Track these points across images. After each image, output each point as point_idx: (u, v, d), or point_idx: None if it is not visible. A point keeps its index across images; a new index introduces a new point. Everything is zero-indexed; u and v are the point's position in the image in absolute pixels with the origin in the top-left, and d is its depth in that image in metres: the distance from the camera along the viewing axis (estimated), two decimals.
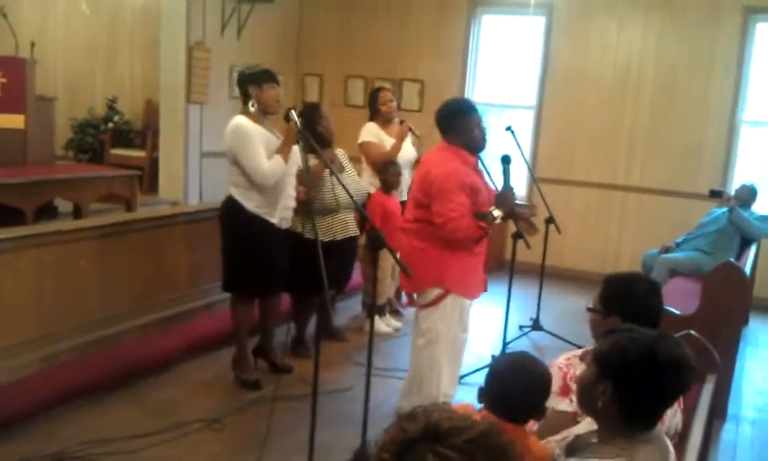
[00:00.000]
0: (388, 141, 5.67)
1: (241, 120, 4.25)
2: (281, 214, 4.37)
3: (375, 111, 5.81)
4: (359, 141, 5.74)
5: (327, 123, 4.87)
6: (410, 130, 5.73)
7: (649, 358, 1.81)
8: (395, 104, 5.90)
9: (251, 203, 4.28)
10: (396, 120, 5.79)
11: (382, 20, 8.89)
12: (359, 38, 9.03)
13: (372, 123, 5.80)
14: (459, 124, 3.86)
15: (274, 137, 4.31)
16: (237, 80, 4.48)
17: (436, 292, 3.86)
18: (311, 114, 4.80)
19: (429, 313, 3.91)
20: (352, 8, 9.06)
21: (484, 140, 3.95)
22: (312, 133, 4.43)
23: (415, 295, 4.11)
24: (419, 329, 3.99)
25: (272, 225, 4.34)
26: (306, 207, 4.45)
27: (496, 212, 3.80)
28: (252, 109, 4.26)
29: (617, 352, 1.84)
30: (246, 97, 4.32)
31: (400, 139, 5.64)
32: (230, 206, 4.36)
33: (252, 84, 4.29)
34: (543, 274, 6.22)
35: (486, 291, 4.17)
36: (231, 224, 4.39)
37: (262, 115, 4.32)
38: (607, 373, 1.85)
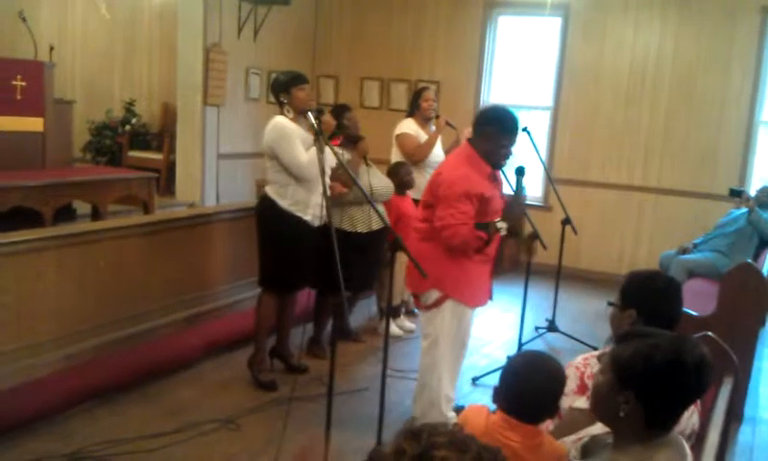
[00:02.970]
0: (424, 138, 5.81)
1: (280, 119, 4.44)
2: (314, 211, 4.45)
3: (416, 107, 5.93)
4: (396, 133, 5.88)
5: (354, 120, 5.10)
6: (447, 123, 5.81)
7: (676, 364, 1.77)
8: (435, 105, 5.97)
9: (285, 200, 4.42)
10: (433, 127, 5.91)
11: (397, 22, 8.91)
12: (374, 40, 9.05)
13: (410, 119, 5.94)
14: (491, 132, 3.78)
15: (310, 136, 4.40)
16: (270, 89, 4.71)
17: (436, 295, 3.84)
18: (337, 113, 5.01)
19: (431, 316, 3.90)
20: (368, 10, 9.08)
21: (503, 162, 3.89)
22: (340, 127, 4.81)
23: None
24: (424, 333, 4.01)
25: (305, 222, 4.46)
26: (338, 202, 4.76)
27: (500, 224, 3.72)
28: (288, 115, 4.45)
29: (642, 361, 1.79)
30: (281, 104, 4.49)
31: (438, 132, 5.81)
32: (265, 204, 4.51)
33: (281, 92, 4.47)
34: (560, 275, 6.19)
35: (491, 299, 4.10)
36: (266, 221, 4.53)
37: (298, 116, 4.45)
38: (629, 382, 1.80)
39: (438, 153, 5.81)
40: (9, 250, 4.04)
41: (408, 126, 5.87)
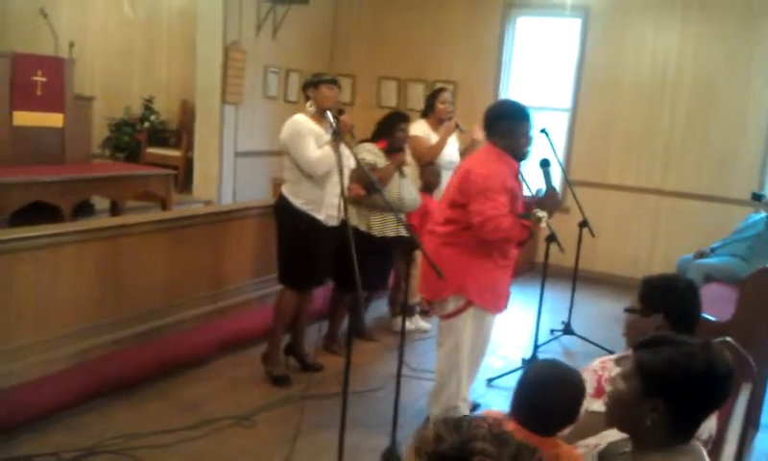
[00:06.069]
0: (435, 139, 5.75)
1: (298, 116, 4.47)
2: (327, 211, 4.46)
3: (431, 108, 5.88)
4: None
5: (404, 131, 5.21)
6: (457, 126, 5.76)
7: (711, 373, 1.77)
8: (452, 107, 5.92)
9: (299, 199, 4.45)
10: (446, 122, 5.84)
11: (416, 22, 8.90)
12: (392, 40, 9.04)
13: (422, 120, 5.89)
14: (505, 127, 3.77)
15: (327, 136, 4.40)
16: (301, 86, 4.80)
17: (456, 302, 3.80)
18: (396, 120, 5.21)
19: (450, 324, 3.87)
20: (386, 9, 9.08)
21: (527, 150, 3.85)
22: (391, 136, 5.09)
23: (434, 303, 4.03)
24: (441, 338, 3.97)
25: (318, 221, 4.46)
26: (357, 203, 4.85)
27: (541, 213, 3.65)
28: (309, 109, 4.47)
29: (679, 370, 1.77)
30: (307, 98, 4.54)
31: (446, 134, 5.73)
32: (281, 203, 4.55)
33: (310, 86, 4.51)
34: (576, 278, 6.16)
35: (506, 307, 4.05)
36: (281, 219, 4.58)
37: (320, 115, 4.44)
38: (660, 390, 1.78)
39: (449, 152, 5.77)
40: (28, 244, 4.07)
41: (419, 128, 5.80)
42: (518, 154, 3.82)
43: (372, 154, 4.99)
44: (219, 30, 7.66)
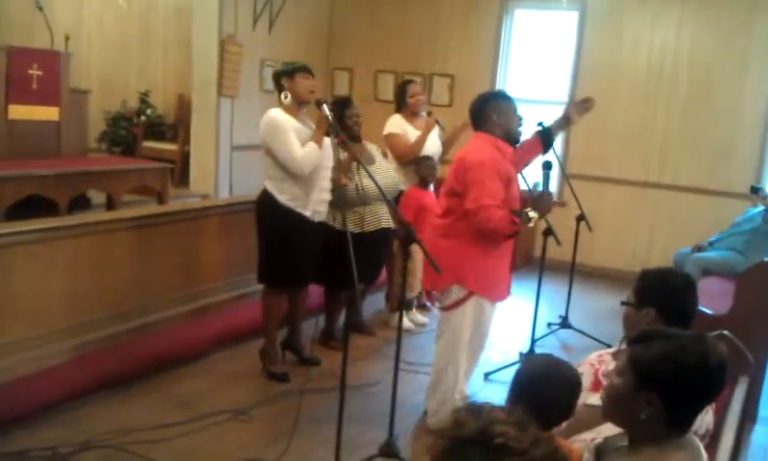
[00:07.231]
0: (413, 134, 5.64)
1: (274, 112, 4.29)
2: (314, 207, 4.37)
3: (402, 103, 5.79)
4: (384, 133, 5.72)
5: (356, 117, 4.89)
6: (437, 122, 5.68)
7: (704, 366, 1.76)
8: (423, 98, 5.87)
9: (284, 195, 4.31)
10: (424, 114, 5.76)
11: (413, 14, 8.87)
12: (389, 33, 9.01)
13: (397, 115, 5.78)
14: (502, 107, 3.82)
15: (307, 129, 4.32)
16: (272, 76, 4.56)
17: (456, 294, 3.81)
18: (340, 108, 4.83)
19: (450, 315, 3.87)
20: (383, 2, 9.04)
21: (519, 129, 3.90)
22: (340, 125, 4.52)
23: (435, 294, 4.04)
24: (441, 329, 3.98)
25: (305, 217, 4.36)
26: (338, 199, 4.53)
27: (532, 214, 3.69)
28: (285, 101, 4.32)
29: (671, 363, 1.77)
30: (280, 91, 4.37)
31: (426, 132, 5.60)
32: (265, 199, 4.40)
33: (284, 76, 4.35)
34: (573, 271, 6.16)
35: (509, 294, 4.09)
36: (265, 216, 4.43)
37: (296, 107, 4.34)
38: (654, 385, 1.77)
39: (431, 144, 5.68)
40: (23, 238, 4.06)
41: (396, 124, 5.70)
42: (513, 133, 3.86)
43: None
44: (215, 23, 7.63)
